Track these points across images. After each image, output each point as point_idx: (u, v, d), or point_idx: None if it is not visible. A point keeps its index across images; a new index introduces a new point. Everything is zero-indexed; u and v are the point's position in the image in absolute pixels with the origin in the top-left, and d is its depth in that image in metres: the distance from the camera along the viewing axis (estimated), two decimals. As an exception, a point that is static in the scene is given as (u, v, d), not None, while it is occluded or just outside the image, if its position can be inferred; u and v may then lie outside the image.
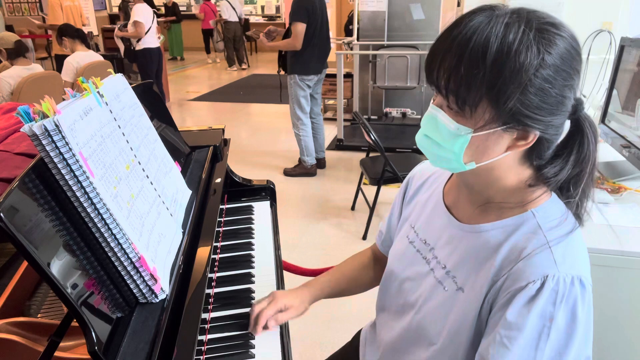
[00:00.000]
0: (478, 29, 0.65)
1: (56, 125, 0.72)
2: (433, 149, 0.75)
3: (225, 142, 1.68)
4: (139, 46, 5.43)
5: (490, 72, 0.65)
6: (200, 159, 1.48)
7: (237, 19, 9.38)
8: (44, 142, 0.72)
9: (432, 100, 0.75)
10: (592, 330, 0.75)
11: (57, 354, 0.81)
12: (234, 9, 9.28)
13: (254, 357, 0.97)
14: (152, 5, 5.70)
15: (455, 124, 0.71)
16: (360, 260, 1.19)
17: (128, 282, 0.83)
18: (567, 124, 0.74)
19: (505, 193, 0.77)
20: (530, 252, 0.72)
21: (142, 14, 5.33)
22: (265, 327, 1.03)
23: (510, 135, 0.70)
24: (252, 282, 1.20)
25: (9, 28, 7.18)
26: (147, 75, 5.54)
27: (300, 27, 3.59)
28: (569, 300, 0.70)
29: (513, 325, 0.71)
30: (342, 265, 1.19)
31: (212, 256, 1.26)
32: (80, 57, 4.30)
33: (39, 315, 1.03)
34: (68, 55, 4.36)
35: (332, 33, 5.02)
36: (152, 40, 5.51)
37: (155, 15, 5.59)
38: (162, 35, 6.15)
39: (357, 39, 5.26)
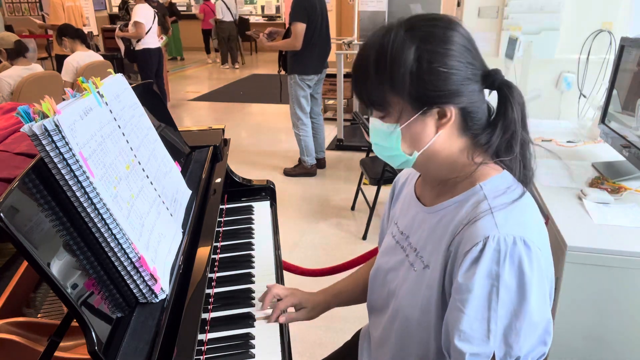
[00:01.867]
0: (365, 47, 0.80)
1: (56, 125, 0.72)
2: (384, 152, 0.86)
3: (225, 142, 1.68)
4: (139, 46, 5.43)
5: (376, 71, 0.77)
6: (200, 159, 1.48)
7: (231, 19, 9.44)
8: (44, 142, 0.72)
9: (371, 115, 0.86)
10: (549, 293, 0.77)
11: (57, 354, 0.81)
12: (228, 9, 9.33)
13: (254, 357, 0.97)
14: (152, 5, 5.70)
15: (384, 124, 0.82)
16: (370, 266, 1.20)
17: (128, 282, 0.83)
18: (494, 95, 0.82)
19: (455, 170, 0.84)
20: (474, 217, 0.77)
21: (142, 14, 5.33)
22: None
23: (432, 117, 0.79)
24: (252, 282, 1.20)
25: (9, 28, 7.18)
26: (147, 75, 5.54)
27: (300, 27, 3.59)
28: (513, 258, 0.72)
29: (463, 287, 0.74)
30: (355, 273, 1.22)
31: (212, 256, 1.26)
32: (81, 57, 4.30)
33: (39, 315, 1.03)
34: (68, 55, 4.36)
35: (332, 33, 5.01)
36: (152, 40, 5.51)
37: (156, 16, 5.59)
38: (165, 36, 6.15)
39: (358, 39, 5.26)
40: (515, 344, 0.73)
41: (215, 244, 1.33)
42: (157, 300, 0.86)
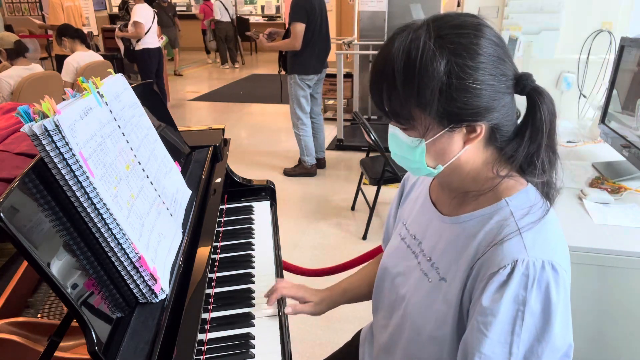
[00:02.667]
0: (390, 54, 0.72)
1: (56, 125, 0.72)
2: (405, 162, 0.81)
3: (225, 142, 1.68)
4: (139, 46, 5.43)
5: (403, 87, 0.71)
6: (200, 159, 1.48)
7: (229, 20, 9.48)
8: (44, 142, 0.72)
9: (390, 122, 0.81)
10: (571, 318, 0.75)
11: (57, 354, 0.80)
12: (226, 9, 9.36)
13: (254, 357, 0.97)
14: (152, 5, 5.70)
15: (408, 137, 0.77)
16: (377, 264, 1.20)
17: (128, 282, 0.83)
18: (523, 100, 0.77)
19: (478, 182, 0.80)
20: (502, 238, 0.74)
21: (142, 14, 5.33)
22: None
23: (460, 132, 0.75)
24: (252, 282, 1.20)
25: (9, 28, 7.17)
26: (146, 75, 5.54)
27: (300, 27, 3.59)
28: (541, 284, 0.71)
29: (487, 310, 0.72)
30: (362, 270, 1.22)
31: (212, 256, 1.26)
32: (81, 57, 4.30)
33: (39, 315, 1.03)
34: (68, 56, 4.36)
35: (332, 33, 5.01)
36: (152, 40, 5.51)
37: (155, 16, 5.59)
38: (165, 36, 6.15)
39: (358, 39, 5.26)
40: None
41: (215, 244, 1.33)
42: (157, 300, 0.86)
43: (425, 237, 0.90)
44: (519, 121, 0.79)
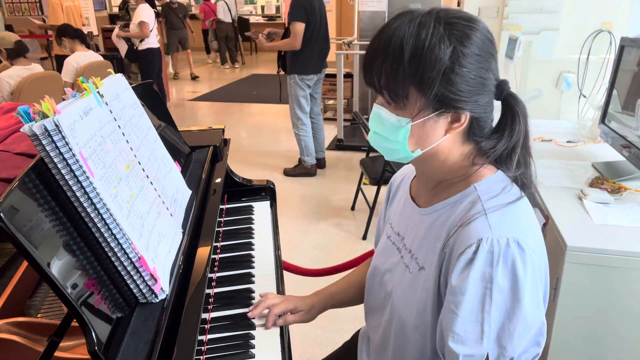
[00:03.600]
0: (397, 30, 0.75)
1: (56, 125, 0.72)
2: (383, 143, 0.83)
3: (225, 142, 1.68)
4: (142, 46, 5.42)
5: (410, 64, 0.73)
6: (200, 159, 1.48)
7: (230, 20, 9.50)
8: (44, 142, 0.72)
9: (375, 101, 0.83)
10: (543, 296, 0.77)
11: (57, 354, 0.81)
12: (229, 10, 9.38)
13: (254, 357, 0.97)
14: (153, 5, 5.69)
15: (395, 116, 0.79)
16: (367, 268, 1.20)
17: (128, 282, 0.83)
18: (498, 105, 0.82)
19: (452, 171, 0.84)
20: (467, 219, 0.77)
21: (147, 14, 5.33)
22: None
23: (445, 119, 0.78)
24: (252, 282, 1.20)
25: (9, 28, 7.17)
26: (148, 75, 5.53)
27: (299, 27, 3.59)
28: (506, 260, 0.72)
29: (457, 289, 0.74)
30: (349, 275, 1.22)
31: (212, 256, 1.26)
32: (80, 57, 4.30)
33: (39, 315, 1.03)
34: (68, 56, 4.36)
35: (332, 33, 5.01)
36: (154, 40, 5.51)
37: (155, 16, 5.59)
38: (159, 35, 6.15)
39: (358, 39, 5.26)
40: (508, 345, 0.73)
41: (215, 244, 1.33)
42: (157, 300, 0.86)
43: (407, 232, 0.92)
44: (493, 124, 0.84)
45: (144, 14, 5.30)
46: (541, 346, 0.76)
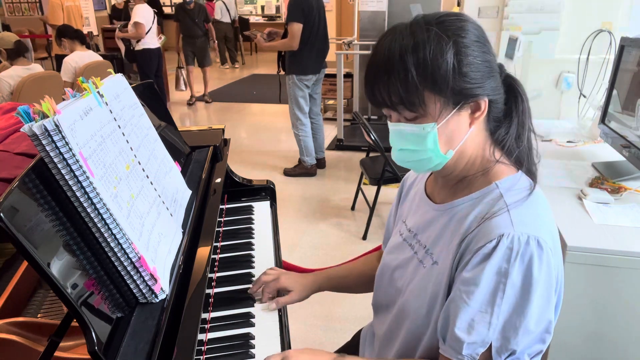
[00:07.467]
0: (391, 45, 0.76)
1: (56, 125, 0.72)
2: (412, 157, 0.83)
3: (225, 142, 1.68)
4: (139, 47, 5.43)
5: (417, 71, 0.74)
6: (200, 159, 1.48)
7: (229, 20, 9.49)
8: (44, 142, 0.72)
9: (388, 121, 0.83)
10: (555, 295, 0.79)
11: (57, 354, 0.80)
12: (227, 10, 9.37)
13: (254, 357, 0.97)
14: (153, 5, 5.69)
15: (418, 126, 0.79)
16: (369, 259, 1.23)
17: (128, 282, 0.83)
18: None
19: (475, 166, 0.85)
20: (490, 215, 0.78)
21: (142, 15, 5.33)
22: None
23: (466, 112, 0.79)
24: (252, 282, 1.20)
25: (8, 28, 7.17)
26: (146, 75, 5.54)
27: (297, 27, 3.58)
28: (524, 257, 0.73)
29: (470, 280, 0.75)
30: (351, 263, 1.24)
31: (212, 256, 1.26)
32: (79, 57, 4.30)
33: (39, 315, 1.03)
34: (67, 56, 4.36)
35: (332, 33, 5.01)
36: (151, 41, 5.51)
37: (155, 16, 5.59)
38: (164, 36, 6.14)
39: (357, 39, 5.26)
40: (512, 338, 0.74)
41: (215, 244, 1.33)
42: (157, 300, 0.86)
43: (421, 229, 0.93)
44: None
45: (140, 14, 5.30)
46: (546, 343, 0.77)
